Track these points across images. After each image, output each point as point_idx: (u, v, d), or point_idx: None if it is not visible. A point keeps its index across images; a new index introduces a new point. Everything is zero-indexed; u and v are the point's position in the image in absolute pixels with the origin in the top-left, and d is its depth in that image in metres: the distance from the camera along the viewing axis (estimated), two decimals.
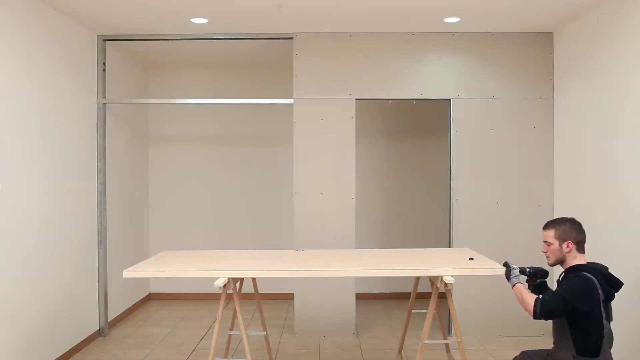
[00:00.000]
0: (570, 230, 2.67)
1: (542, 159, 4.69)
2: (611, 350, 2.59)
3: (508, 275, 2.84)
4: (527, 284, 2.90)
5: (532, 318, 2.60)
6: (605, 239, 3.77)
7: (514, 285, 2.76)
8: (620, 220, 3.63)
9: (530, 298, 2.62)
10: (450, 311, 3.26)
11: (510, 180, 4.69)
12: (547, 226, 2.74)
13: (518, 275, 2.83)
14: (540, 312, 2.55)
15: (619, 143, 3.65)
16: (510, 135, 4.70)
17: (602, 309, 2.50)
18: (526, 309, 2.63)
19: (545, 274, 2.88)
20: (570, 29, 4.39)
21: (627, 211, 3.55)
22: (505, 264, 2.92)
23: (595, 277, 2.52)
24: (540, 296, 2.60)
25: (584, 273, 2.54)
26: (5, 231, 3.37)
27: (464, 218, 4.68)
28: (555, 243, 2.68)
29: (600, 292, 2.50)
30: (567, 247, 2.65)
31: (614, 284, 2.57)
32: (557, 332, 2.67)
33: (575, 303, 2.48)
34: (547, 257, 2.73)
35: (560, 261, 2.69)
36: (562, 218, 2.76)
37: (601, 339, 2.51)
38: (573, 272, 2.60)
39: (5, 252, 3.38)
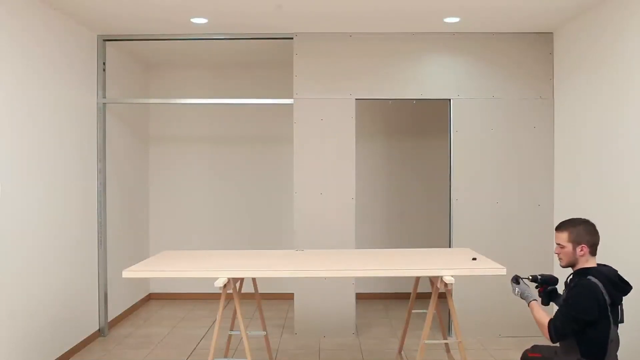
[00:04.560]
0: (585, 233, 2.60)
1: (542, 159, 4.69)
2: (617, 353, 2.59)
3: (522, 293, 2.80)
4: (537, 291, 2.91)
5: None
6: (606, 238, 3.74)
7: (529, 303, 2.73)
8: (621, 220, 3.62)
9: (545, 320, 2.59)
10: (450, 311, 3.25)
11: (510, 180, 4.69)
12: (560, 228, 2.67)
13: (529, 289, 2.79)
14: (556, 337, 2.55)
15: (619, 143, 3.65)
16: (510, 135, 4.70)
17: (610, 313, 2.47)
18: (542, 333, 2.61)
19: (555, 281, 2.86)
20: (570, 29, 4.39)
21: (627, 211, 3.55)
22: (516, 280, 2.87)
23: (601, 282, 2.48)
24: (552, 319, 2.56)
25: (590, 278, 2.50)
26: (5, 231, 3.37)
27: (464, 218, 4.68)
28: (569, 246, 2.62)
29: (606, 297, 2.46)
30: (581, 250, 2.59)
31: (621, 289, 2.53)
32: None
33: (584, 316, 2.47)
34: (560, 259, 2.68)
35: (573, 264, 2.65)
36: (576, 219, 2.68)
37: (607, 344, 2.48)
38: (580, 276, 2.57)
39: (5, 252, 3.38)
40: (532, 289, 2.86)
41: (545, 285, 2.88)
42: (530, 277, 2.90)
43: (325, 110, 4.71)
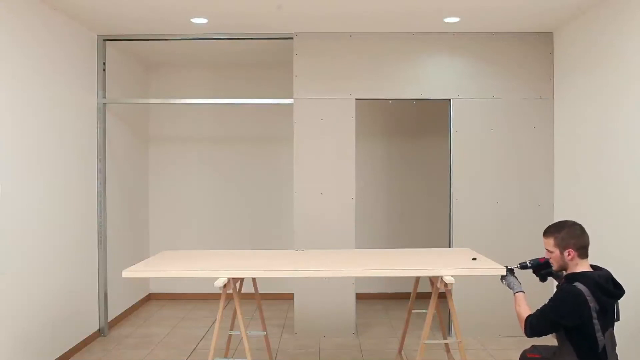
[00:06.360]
0: (569, 237, 2.56)
1: (542, 159, 4.69)
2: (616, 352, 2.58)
3: (509, 284, 2.85)
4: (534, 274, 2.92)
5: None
6: (605, 238, 3.76)
7: (514, 293, 2.76)
8: (620, 220, 3.62)
9: (525, 314, 2.61)
10: (450, 311, 3.25)
11: (510, 180, 4.69)
12: (546, 233, 2.66)
13: (516, 281, 2.83)
14: (530, 334, 2.56)
15: (619, 143, 3.65)
16: (510, 135, 4.70)
17: (596, 320, 2.43)
18: (520, 325, 2.64)
19: (549, 263, 2.81)
20: (570, 29, 4.39)
21: (626, 211, 3.55)
22: (507, 273, 2.89)
23: (589, 288, 2.43)
24: (530, 316, 2.57)
25: (576, 284, 2.46)
26: (5, 231, 3.37)
27: (464, 218, 4.68)
28: (556, 251, 2.59)
29: (593, 304, 2.42)
30: (569, 254, 2.56)
31: (613, 295, 2.48)
32: (559, 336, 2.65)
33: (562, 320, 2.46)
34: (552, 264, 2.68)
35: (564, 268, 2.63)
36: (560, 223, 2.66)
37: (597, 349, 2.46)
38: (569, 281, 2.55)
39: (6, 252, 3.38)
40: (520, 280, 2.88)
41: (538, 270, 2.89)
42: (519, 265, 2.90)
43: (325, 110, 4.71)
